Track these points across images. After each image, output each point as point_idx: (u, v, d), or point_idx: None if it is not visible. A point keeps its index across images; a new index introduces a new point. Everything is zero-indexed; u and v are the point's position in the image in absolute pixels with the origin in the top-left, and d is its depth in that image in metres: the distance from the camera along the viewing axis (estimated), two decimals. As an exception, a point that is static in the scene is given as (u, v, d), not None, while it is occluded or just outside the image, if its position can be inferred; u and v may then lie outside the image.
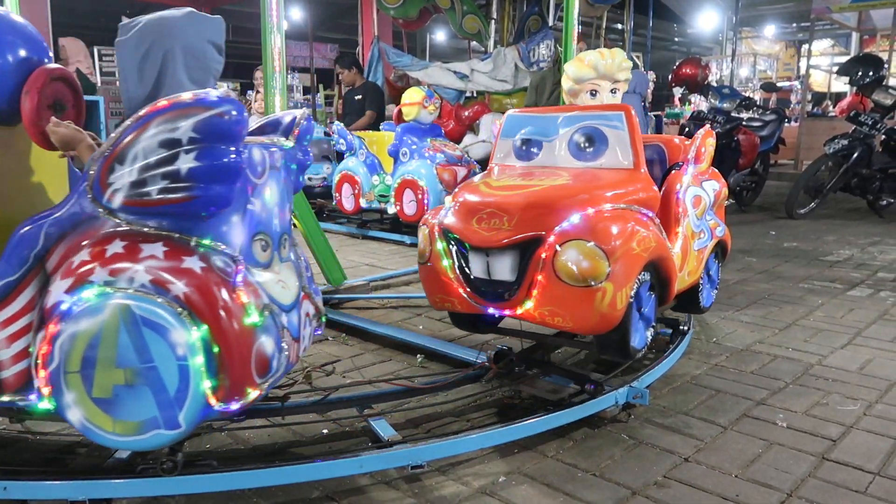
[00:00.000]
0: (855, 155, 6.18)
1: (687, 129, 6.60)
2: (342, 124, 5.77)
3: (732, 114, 6.42)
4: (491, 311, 2.16)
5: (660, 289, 2.26)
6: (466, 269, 2.15)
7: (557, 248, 1.98)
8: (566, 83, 2.84)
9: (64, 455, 1.86)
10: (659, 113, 13.82)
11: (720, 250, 2.79)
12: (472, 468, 1.81)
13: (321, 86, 12.97)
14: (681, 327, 2.75)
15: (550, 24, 7.72)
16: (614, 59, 2.78)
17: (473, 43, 9.10)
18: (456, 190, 2.31)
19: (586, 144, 2.34)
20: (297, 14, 14.63)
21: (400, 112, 5.33)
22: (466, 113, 7.10)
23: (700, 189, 2.53)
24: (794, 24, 18.17)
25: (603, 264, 1.93)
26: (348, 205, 5.64)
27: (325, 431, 2.03)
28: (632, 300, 2.03)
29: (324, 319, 1.88)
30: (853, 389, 2.35)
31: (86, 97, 1.90)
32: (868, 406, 2.21)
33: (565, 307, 1.99)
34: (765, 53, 19.01)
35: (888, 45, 11.58)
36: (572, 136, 2.37)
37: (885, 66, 7.79)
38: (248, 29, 18.71)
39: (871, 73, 6.86)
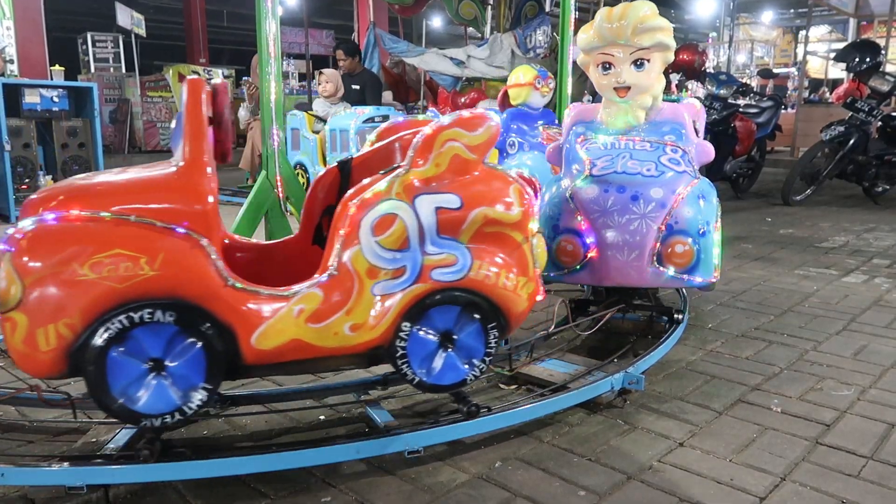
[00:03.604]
0: (851, 142, 6.19)
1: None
2: (436, 109, 5.14)
3: (729, 100, 6.41)
4: None
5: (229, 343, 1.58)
6: None
7: None
8: (578, 56, 2.58)
9: (62, 441, 1.86)
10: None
11: (483, 305, 1.75)
12: (469, 454, 1.82)
13: (317, 72, 12.91)
14: (675, 315, 2.65)
15: (547, 9, 7.68)
16: (627, 18, 2.28)
17: (470, 29, 9.06)
18: None
19: None
20: (293, 0, 14.52)
21: (505, 95, 4.49)
22: (463, 100, 7.08)
23: (403, 206, 1.66)
24: (792, 11, 18.12)
25: (14, 286, 1.44)
26: None
27: (321, 418, 2.04)
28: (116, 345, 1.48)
29: None
30: (847, 375, 2.36)
31: (79, 83, 1.88)
32: (862, 391, 2.22)
33: None
34: (762, 40, 18.96)
35: (885, 31, 11.55)
36: None
37: (882, 52, 7.78)
38: (243, 15, 18.60)
39: (868, 60, 6.86)
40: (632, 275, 2.38)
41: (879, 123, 6.42)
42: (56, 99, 5.78)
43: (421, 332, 1.74)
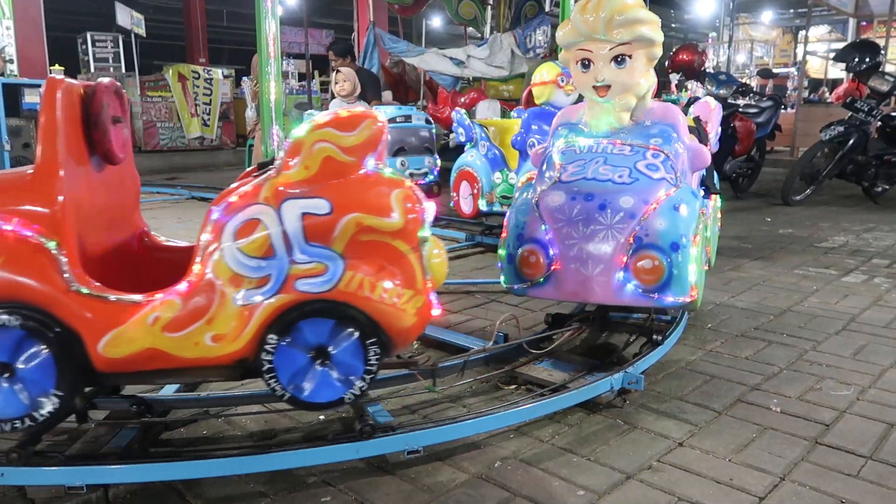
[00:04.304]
0: (851, 141, 6.19)
1: (683, 116, 6.58)
2: (462, 110, 4.93)
3: (729, 100, 6.41)
4: None
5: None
6: None
7: None
8: (560, 54, 2.44)
9: (61, 441, 1.86)
10: (655, 99, 13.69)
11: (361, 319, 1.61)
12: (468, 453, 1.82)
13: (316, 72, 12.90)
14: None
15: (547, 9, 7.69)
16: (603, 10, 2.12)
17: (470, 29, 9.07)
18: None
19: None
20: (292, 0, 14.52)
21: (530, 93, 4.35)
22: (463, 99, 7.09)
23: (268, 210, 1.56)
24: (791, 10, 18.13)
25: None
26: (466, 207, 4.69)
27: (321, 418, 2.04)
28: None
29: None
30: (847, 375, 2.36)
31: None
32: (861, 391, 2.22)
33: None
34: (762, 40, 18.97)
35: (885, 31, 11.56)
36: None
37: (882, 52, 7.78)
38: (243, 14, 18.60)
39: (867, 60, 6.85)
40: (596, 291, 2.17)
41: (879, 123, 6.42)
42: (56, 99, 5.78)
43: (289, 346, 1.61)
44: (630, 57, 2.17)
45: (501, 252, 2.35)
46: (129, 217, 1.92)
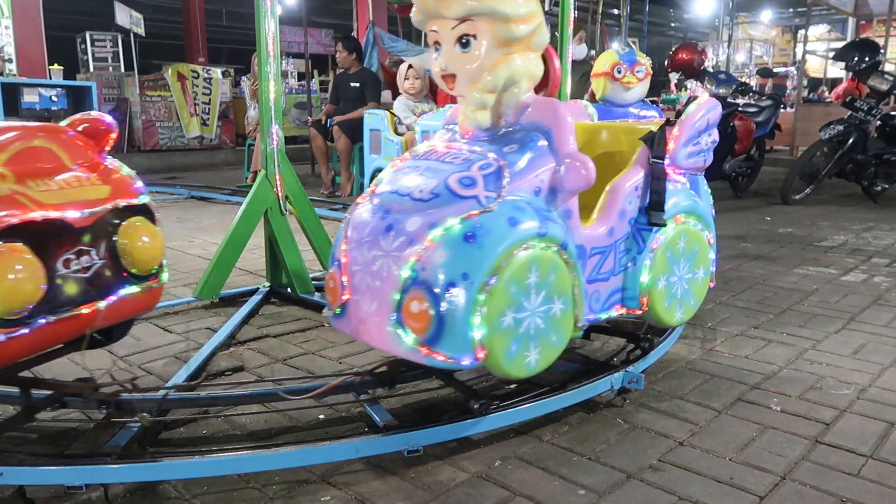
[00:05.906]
0: (850, 141, 6.19)
1: (682, 115, 6.58)
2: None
3: (728, 99, 6.41)
4: None
5: None
6: None
7: None
8: None
9: (61, 441, 1.86)
10: (655, 98, 13.74)
11: None
12: (468, 453, 1.82)
13: (316, 71, 12.89)
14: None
15: (546, 9, 7.67)
16: None
17: (469, 28, 9.06)
18: None
19: None
20: (292, -1, 14.52)
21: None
22: (462, 99, 7.07)
23: None
24: (791, 10, 18.18)
25: None
26: None
27: (321, 417, 2.04)
28: None
29: None
30: (847, 374, 2.36)
31: (78, 83, 1.87)
32: (861, 390, 2.22)
33: None
34: (761, 39, 18.98)
35: (884, 30, 11.57)
36: None
37: (882, 51, 7.79)
38: (242, 14, 18.59)
39: (867, 59, 6.86)
40: (373, 334, 1.76)
41: (878, 122, 6.43)
42: (55, 98, 5.79)
43: None
44: (475, 38, 1.71)
45: None
46: None
